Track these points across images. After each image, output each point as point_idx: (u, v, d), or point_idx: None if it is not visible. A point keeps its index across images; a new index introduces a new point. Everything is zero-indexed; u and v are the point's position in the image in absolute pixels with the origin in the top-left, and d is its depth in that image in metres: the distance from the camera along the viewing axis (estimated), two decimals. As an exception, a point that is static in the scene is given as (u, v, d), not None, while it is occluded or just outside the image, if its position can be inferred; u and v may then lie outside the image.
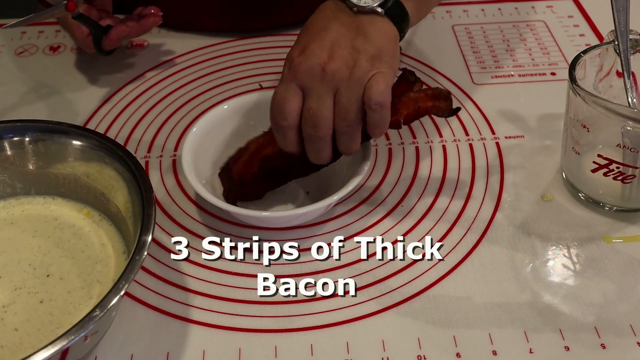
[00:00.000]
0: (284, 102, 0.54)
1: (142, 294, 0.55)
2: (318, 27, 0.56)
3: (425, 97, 0.56)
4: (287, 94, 0.54)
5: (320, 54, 0.53)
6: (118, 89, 0.77)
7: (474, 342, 0.51)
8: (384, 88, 0.53)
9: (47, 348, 0.41)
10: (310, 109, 0.53)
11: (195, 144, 0.61)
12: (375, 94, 0.52)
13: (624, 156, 0.57)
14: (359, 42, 0.54)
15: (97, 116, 0.73)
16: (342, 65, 0.53)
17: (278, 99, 0.55)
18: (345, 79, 0.53)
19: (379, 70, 0.53)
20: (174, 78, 0.78)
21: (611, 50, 0.60)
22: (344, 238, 0.60)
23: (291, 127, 0.55)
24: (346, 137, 0.55)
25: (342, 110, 0.53)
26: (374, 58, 0.54)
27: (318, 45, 0.54)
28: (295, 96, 0.54)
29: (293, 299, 0.55)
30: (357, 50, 0.54)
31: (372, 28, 0.55)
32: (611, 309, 0.54)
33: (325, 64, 0.53)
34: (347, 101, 0.53)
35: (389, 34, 0.56)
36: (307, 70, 0.53)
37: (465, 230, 0.60)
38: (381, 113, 0.53)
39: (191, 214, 0.62)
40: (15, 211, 0.57)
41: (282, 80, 0.55)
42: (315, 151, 0.56)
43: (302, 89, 0.54)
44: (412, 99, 0.56)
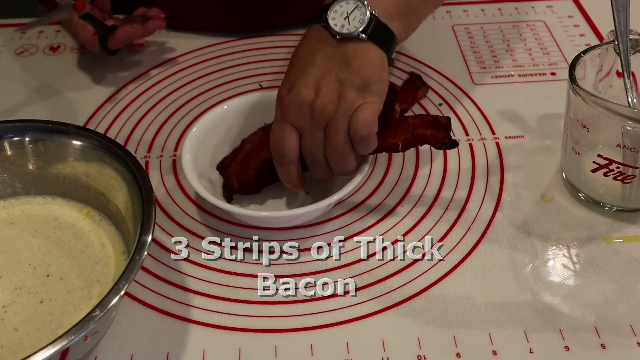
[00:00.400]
0: (282, 143, 0.56)
1: (142, 294, 0.55)
2: (304, 61, 0.57)
3: (423, 124, 0.57)
4: (283, 134, 0.56)
5: (307, 92, 0.55)
6: (118, 89, 0.77)
7: (474, 342, 0.51)
8: (369, 118, 0.54)
9: (47, 348, 0.41)
10: (306, 147, 0.57)
11: (195, 144, 0.61)
12: (359, 127, 0.54)
13: (624, 156, 0.57)
14: (343, 73, 0.55)
15: (97, 116, 0.73)
16: (328, 101, 0.54)
17: (276, 139, 0.57)
18: (332, 113, 0.55)
19: (365, 101, 0.54)
20: (174, 78, 0.78)
21: (611, 50, 0.60)
22: (344, 238, 0.60)
23: (292, 162, 0.57)
24: (339, 165, 0.57)
25: (331, 143, 0.55)
26: (360, 88, 0.55)
27: (304, 82, 0.55)
28: (290, 135, 0.56)
29: (293, 299, 0.55)
30: (341, 83, 0.55)
31: (357, 57, 0.55)
32: (611, 309, 0.54)
33: (312, 102, 0.55)
34: (335, 134, 0.55)
35: (374, 61, 0.56)
36: (297, 110, 0.55)
37: (465, 230, 0.60)
38: (367, 143, 0.55)
39: (191, 214, 0.62)
40: (15, 211, 0.57)
41: (276, 119, 0.57)
42: (319, 173, 0.59)
43: (295, 127, 0.56)
44: (410, 124, 0.57)
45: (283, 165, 0.58)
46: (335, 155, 0.56)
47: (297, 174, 0.59)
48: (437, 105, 0.73)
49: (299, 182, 0.59)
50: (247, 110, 0.66)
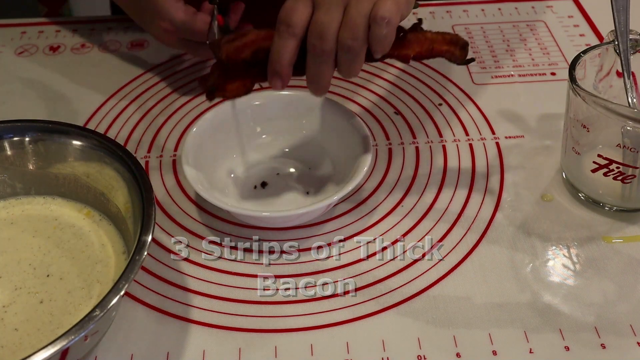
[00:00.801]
0: (293, 12, 0.52)
1: (142, 294, 0.55)
2: None
3: (442, 40, 0.55)
4: (297, 4, 0.52)
5: None
6: (118, 89, 0.77)
7: (474, 342, 0.51)
8: (392, 6, 0.51)
9: (47, 348, 0.41)
10: (318, 21, 0.52)
11: (195, 144, 0.61)
12: (382, 9, 0.51)
13: (624, 156, 0.57)
14: None
15: (97, 116, 0.73)
16: None
17: (287, 8, 0.53)
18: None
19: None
20: (174, 78, 0.78)
21: (611, 50, 0.60)
22: (344, 238, 0.60)
23: (295, 36, 0.53)
24: (350, 54, 0.52)
25: (350, 22, 0.51)
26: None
27: None
28: (305, 7, 0.52)
29: (293, 299, 0.55)
30: None
31: None
32: (611, 309, 0.54)
33: None
34: (356, 13, 0.51)
35: None
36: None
37: (465, 230, 0.60)
38: (387, 29, 0.52)
39: (191, 214, 0.62)
40: (15, 211, 0.57)
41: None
42: (316, 66, 0.54)
43: (312, 1, 0.53)
44: (428, 38, 0.55)
45: (283, 37, 0.52)
46: (351, 36, 0.51)
47: (291, 56, 0.53)
48: (437, 105, 0.74)
49: (287, 72, 0.54)
50: (248, 110, 0.66)
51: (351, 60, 0.53)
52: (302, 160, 0.66)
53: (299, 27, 0.52)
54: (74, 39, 0.85)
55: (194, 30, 0.66)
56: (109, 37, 0.85)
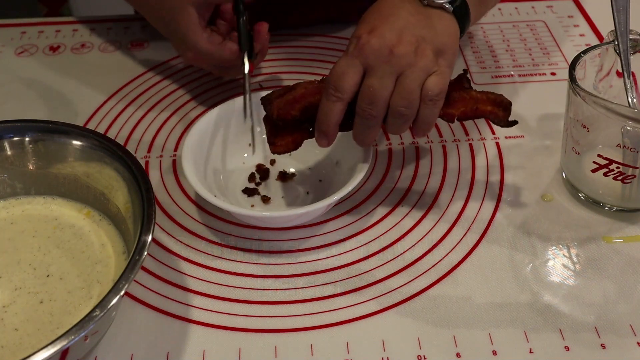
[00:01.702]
0: (343, 76, 0.54)
1: (142, 294, 0.55)
2: (387, 11, 0.56)
3: (486, 100, 0.56)
4: (348, 69, 0.54)
5: (390, 36, 0.54)
6: (118, 89, 0.77)
7: (474, 342, 0.51)
8: (443, 87, 0.54)
9: (47, 348, 0.41)
10: (370, 86, 0.53)
11: (195, 144, 0.61)
12: (433, 89, 0.53)
13: (624, 156, 0.57)
14: (426, 32, 0.55)
15: (97, 116, 0.73)
16: (410, 51, 0.53)
17: (338, 72, 0.54)
18: (411, 64, 0.53)
19: (440, 67, 0.54)
20: (174, 78, 0.78)
21: (611, 50, 0.60)
22: (344, 238, 0.60)
23: (343, 100, 0.54)
24: (401, 119, 0.54)
25: (405, 90, 0.53)
26: (438, 52, 0.54)
27: (387, 27, 0.54)
28: (356, 73, 0.54)
29: (293, 299, 0.55)
30: (424, 40, 0.54)
31: (440, 22, 0.56)
32: (611, 309, 0.54)
33: (393, 46, 0.53)
34: (412, 83, 0.53)
35: (454, 32, 0.56)
36: (375, 50, 0.53)
37: (465, 230, 0.60)
38: (432, 109, 0.54)
39: (191, 214, 0.62)
40: (15, 211, 0.57)
41: (346, 54, 0.55)
42: (363, 128, 0.55)
43: (365, 67, 0.54)
44: (473, 97, 0.56)
45: (331, 100, 0.54)
46: (404, 104, 0.53)
47: (338, 119, 0.55)
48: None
49: (333, 132, 0.56)
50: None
51: (402, 123, 0.55)
52: (302, 160, 0.66)
53: (348, 92, 0.54)
54: (74, 39, 0.85)
55: (222, 59, 0.67)
56: (109, 37, 0.85)
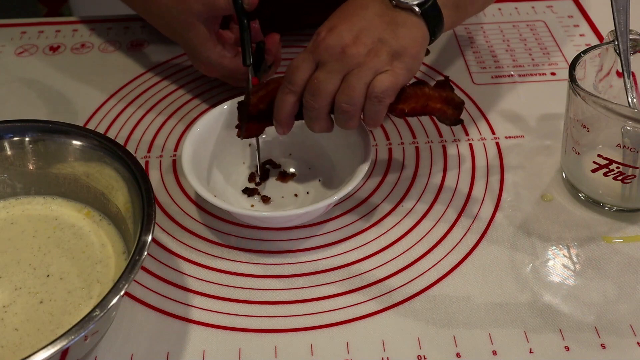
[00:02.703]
0: (297, 70, 0.56)
1: (142, 294, 0.55)
2: (352, 11, 0.57)
3: (438, 97, 0.56)
4: (302, 63, 0.56)
5: (346, 36, 0.55)
6: (118, 89, 0.77)
7: (474, 342, 0.51)
8: (389, 85, 0.54)
9: (47, 348, 0.41)
10: (315, 79, 0.55)
11: (195, 144, 0.61)
12: (379, 87, 0.54)
13: (624, 156, 0.57)
14: (386, 35, 0.55)
15: (97, 116, 0.73)
16: (363, 52, 0.55)
17: (293, 66, 0.57)
18: (360, 64, 0.54)
19: (394, 68, 0.55)
20: (174, 78, 0.78)
21: (611, 50, 0.60)
22: (344, 238, 0.60)
23: (294, 92, 0.57)
24: (345, 115, 0.56)
25: (348, 87, 0.54)
26: (395, 54, 0.55)
27: (346, 27, 0.56)
28: (308, 68, 0.56)
29: (293, 299, 0.55)
30: (381, 42, 0.55)
31: (405, 26, 0.56)
32: (611, 309, 0.54)
33: (347, 46, 0.55)
34: (356, 81, 0.54)
35: (418, 37, 0.56)
36: (328, 48, 0.55)
37: (465, 230, 0.60)
38: (376, 106, 0.55)
39: (191, 214, 0.62)
40: (15, 211, 0.57)
41: (305, 49, 0.57)
42: (309, 118, 0.57)
43: (317, 63, 0.56)
44: (425, 94, 0.56)
45: (284, 92, 0.57)
46: (346, 101, 0.55)
47: (290, 109, 0.57)
48: (437, 105, 0.73)
49: (287, 122, 0.58)
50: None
51: (347, 119, 0.56)
52: (302, 160, 0.66)
53: (299, 85, 0.56)
54: (74, 39, 0.85)
55: (233, 72, 0.68)
56: (109, 37, 0.85)
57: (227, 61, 0.67)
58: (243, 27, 0.65)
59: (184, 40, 0.67)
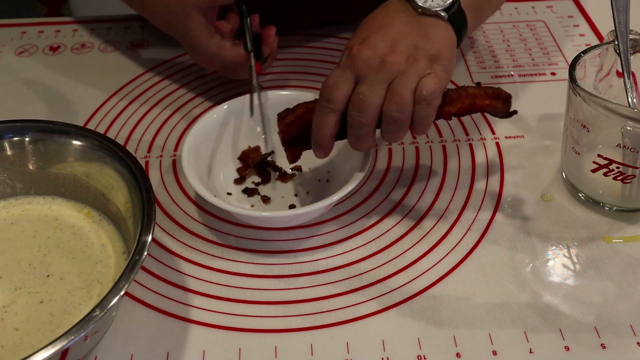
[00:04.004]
0: (335, 88, 0.54)
1: (142, 294, 0.55)
2: (380, 22, 0.57)
3: (484, 94, 0.56)
4: (340, 80, 0.54)
5: (382, 46, 0.54)
6: (118, 89, 0.77)
7: (474, 342, 0.51)
8: (437, 87, 0.53)
9: (47, 348, 0.41)
10: (360, 94, 0.54)
11: (195, 144, 0.61)
12: (427, 90, 0.53)
13: (624, 156, 0.57)
14: (420, 41, 0.55)
15: (97, 116, 0.73)
16: (402, 59, 0.54)
17: (330, 83, 0.55)
18: (402, 71, 0.54)
19: (435, 72, 0.54)
20: (174, 78, 0.78)
21: (611, 50, 0.60)
22: (344, 238, 0.60)
23: (335, 111, 0.55)
24: (395, 125, 0.54)
25: (396, 95, 0.53)
26: (433, 58, 0.54)
27: (380, 37, 0.55)
28: (347, 83, 0.54)
29: (293, 299, 0.55)
30: (417, 48, 0.54)
31: (434, 30, 0.56)
32: (611, 309, 0.54)
33: (385, 55, 0.54)
34: (402, 88, 0.53)
35: (449, 39, 0.56)
36: (366, 60, 0.54)
37: (465, 230, 0.60)
38: (427, 110, 0.54)
39: (191, 214, 0.62)
40: (15, 211, 0.57)
41: (339, 65, 0.56)
42: (356, 137, 0.55)
43: (356, 77, 0.54)
44: (470, 94, 0.56)
45: (324, 112, 0.55)
46: (396, 108, 0.53)
47: (331, 130, 0.55)
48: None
49: (328, 143, 0.56)
50: (247, 110, 0.66)
51: (397, 130, 0.55)
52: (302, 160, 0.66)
53: (340, 103, 0.54)
54: (74, 39, 0.85)
55: (233, 63, 0.68)
56: (109, 37, 0.85)
57: (227, 51, 0.66)
58: (242, 13, 0.65)
59: (182, 32, 0.67)
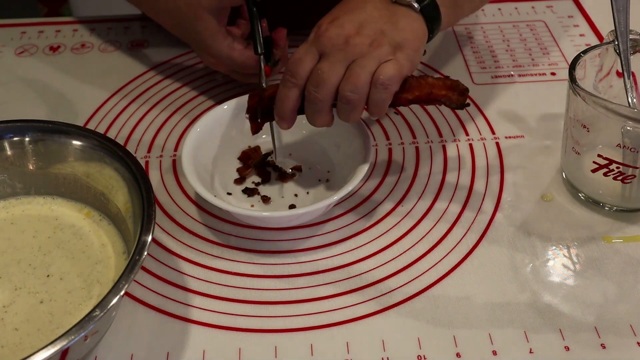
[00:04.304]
0: (299, 63, 0.56)
1: (142, 294, 0.55)
2: (353, 5, 0.58)
3: (442, 85, 0.56)
4: (305, 56, 0.56)
5: (349, 27, 0.55)
6: (118, 89, 0.77)
7: (474, 342, 0.51)
8: (395, 73, 0.54)
9: (47, 348, 0.41)
10: (319, 69, 0.55)
11: (195, 144, 0.61)
12: (385, 74, 0.54)
13: (624, 156, 0.57)
14: (387, 27, 0.56)
15: (97, 116, 0.73)
16: (366, 42, 0.55)
17: (295, 58, 0.56)
18: (364, 53, 0.54)
19: (397, 59, 0.55)
20: (174, 78, 0.78)
21: (611, 50, 0.60)
22: (344, 238, 0.60)
23: (298, 86, 0.56)
24: (348, 105, 0.55)
25: (352, 76, 0.54)
26: (397, 46, 0.55)
27: (348, 19, 0.56)
28: (311, 60, 0.56)
29: (293, 299, 0.55)
30: (383, 34, 0.55)
31: (404, 20, 0.57)
32: (611, 309, 0.54)
33: (349, 36, 0.55)
34: (360, 69, 0.54)
35: (418, 31, 0.57)
36: (331, 38, 0.55)
37: (465, 230, 0.60)
38: (382, 94, 0.54)
39: (191, 214, 0.62)
40: (15, 211, 0.57)
41: (305, 42, 0.57)
42: (311, 111, 0.56)
43: (320, 54, 0.56)
44: (429, 83, 0.56)
45: (287, 87, 0.56)
46: (351, 89, 0.54)
47: (293, 104, 0.56)
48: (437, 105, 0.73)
49: (290, 116, 0.57)
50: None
51: (350, 110, 0.56)
52: (302, 160, 0.66)
53: (302, 78, 0.56)
54: (74, 39, 0.85)
55: (243, 66, 0.68)
56: (109, 37, 0.85)
57: (237, 53, 0.67)
58: (252, 15, 0.65)
59: (193, 34, 0.67)
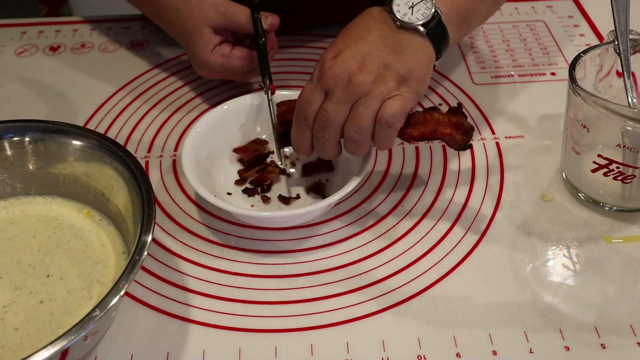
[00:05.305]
0: (308, 105, 0.56)
1: (142, 294, 0.55)
2: (356, 34, 0.56)
3: (447, 122, 0.56)
4: (312, 97, 0.56)
5: (351, 63, 0.54)
6: (118, 89, 0.77)
7: (474, 342, 0.51)
8: (399, 110, 0.54)
9: (47, 348, 0.41)
10: (324, 110, 0.55)
11: (195, 144, 0.61)
12: (388, 113, 0.54)
13: (624, 156, 0.57)
14: (391, 59, 0.55)
15: (97, 116, 0.73)
16: (369, 79, 0.54)
17: (304, 99, 0.56)
18: (367, 92, 0.54)
19: (401, 93, 0.54)
20: (174, 78, 0.78)
21: (611, 50, 0.60)
22: (344, 238, 0.60)
23: (309, 127, 0.57)
24: (354, 144, 0.56)
25: (356, 117, 0.54)
26: (401, 79, 0.54)
27: (351, 53, 0.55)
28: (318, 99, 0.56)
29: (293, 299, 0.55)
30: (387, 67, 0.54)
31: (410, 48, 0.55)
32: (611, 309, 0.54)
33: (353, 74, 0.54)
34: (364, 110, 0.54)
35: (424, 58, 0.56)
36: (335, 76, 0.54)
37: (465, 231, 0.60)
38: (387, 132, 0.55)
39: (191, 214, 0.62)
40: (15, 211, 0.57)
41: (311, 80, 0.57)
42: (320, 147, 0.57)
43: (326, 92, 0.55)
44: (434, 119, 0.56)
45: (301, 128, 0.57)
46: (355, 130, 0.54)
47: (309, 142, 0.58)
48: (437, 105, 0.73)
49: (308, 152, 0.59)
50: (247, 110, 0.66)
51: (356, 147, 0.56)
52: (302, 160, 0.66)
53: (312, 117, 0.56)
54: (74, 39, 0.85)
55: (234, 68, 0.68)
56: (109, 37, 0.85)
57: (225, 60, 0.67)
58: (260, 48, 0.66)
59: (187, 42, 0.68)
